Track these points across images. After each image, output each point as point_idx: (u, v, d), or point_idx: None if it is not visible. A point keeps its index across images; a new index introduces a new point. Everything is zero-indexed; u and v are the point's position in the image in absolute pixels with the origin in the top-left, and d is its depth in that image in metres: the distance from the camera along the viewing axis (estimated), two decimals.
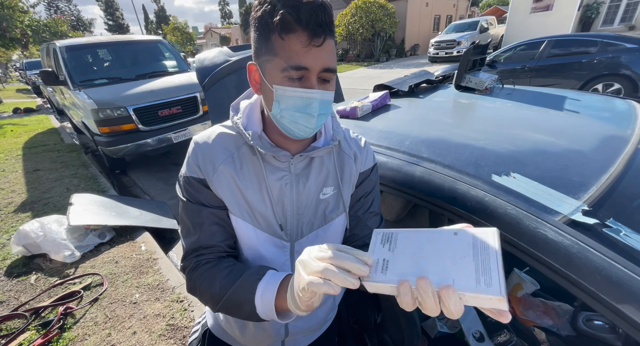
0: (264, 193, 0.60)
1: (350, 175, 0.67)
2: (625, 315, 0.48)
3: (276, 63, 0.50)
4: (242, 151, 0.61)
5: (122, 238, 2.36)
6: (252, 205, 0.60)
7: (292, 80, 0.51)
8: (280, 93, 0.52)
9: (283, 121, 0.55)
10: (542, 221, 0.59)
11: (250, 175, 0.60)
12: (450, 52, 12.27)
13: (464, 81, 1.35)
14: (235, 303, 0.54)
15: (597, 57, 5.15)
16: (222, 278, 0.56)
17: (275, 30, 0.48)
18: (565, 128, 0.92)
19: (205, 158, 0.59)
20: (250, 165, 0.60)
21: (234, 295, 0.54)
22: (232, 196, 0.59)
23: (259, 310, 0.51)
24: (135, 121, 3.47)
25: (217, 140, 0.61)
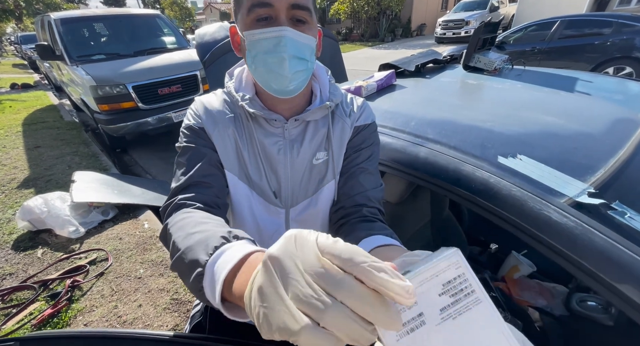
0: (258, 160, 0.60)
1: (342, 134, 0.63)
2: (624, 295, 0.48)
3: (243, 7, 0.49)
4: (238, 113, 0.60)
5: (125, 216, 2.39)
6: (248, 168, 0.60)
7: (259, 22, 0.49)
8: (250, 39, 0.50)
9: (258, 73, 0.53)
10: (547, 203, 0.58)
11: (246, 138, 0.60)
12: (458, 32, 11.83)
13: (473, 61, 1.31)
14: (185, 262, 0.38)
15: (610, 38, 4.96)
16: (192, 225, 0.43)
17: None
18: (576, 110, 0.89)
19: (207, 112, 0.59)
20: (245, 128, 0.60)
21: (188, 251, 0.38)
22: (232, 152, 0.59)
23: (206, 282, 0.34)
24: (135, 99, 3.42)
25: (219, 100, 0.61)
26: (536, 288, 1.28)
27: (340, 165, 0.64)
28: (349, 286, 0.19)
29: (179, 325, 1.53)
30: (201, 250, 0.36)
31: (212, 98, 0.62)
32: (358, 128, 0.64)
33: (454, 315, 0.22)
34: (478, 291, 0.23)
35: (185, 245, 0.39)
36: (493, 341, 0.22)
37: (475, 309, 0.22)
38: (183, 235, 0.41)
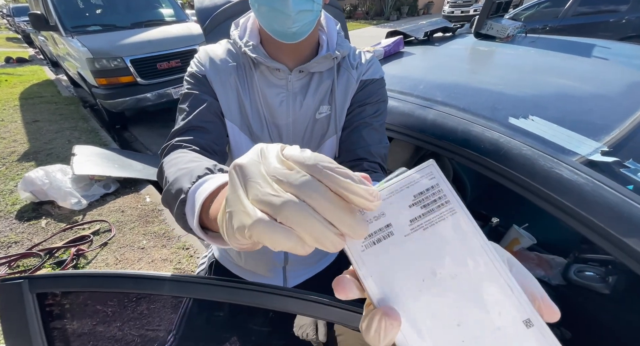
0: (260, 111, 0.59)
1: (347, 87, 0.60)
2: (631, 249, 0.48)
3: None
4: (241, 61, 0.59)
5: (127, 190, 2.40)
6: (249, 119, 0.59)
7: None
8: None
9: (261, 12, 0.50)
10: (558, 161, 0.57)
11: (248, 87, 0.59)
12: (466, 10, 11.37)
13: (485, 28, 1.25)
14: (172, 193, 0.38)
15: (627, 15, 4.75)
16: (185, 162, 0.42)
17: None
18: (592, 74, 0.86)
19: (210, 60, 0.58)
20: (248, 77, 0.59)
21: (175, 182, 0.38)
22: (234, 101, 0.58)
23: (187, 208, 0.34)
24: (134, 73, 3.33)
25: (223, 49, 0.60)
26: (535, 259, 1.30)
27: (343, 119, 0.61)
28: (312, 186, 0.17)
29: None
30: (186, 180, 0.36)
31: (216, 47, 0.60)
32: (364, 82, 0.61)
33: (425, 225, 0.20)
34: (453, 201, 0.20)
35: (174, 177, 0.39)
36: (470, 254, 0.20)
37: (449, 219, 0.20)
38: (174, 170, 0.41)
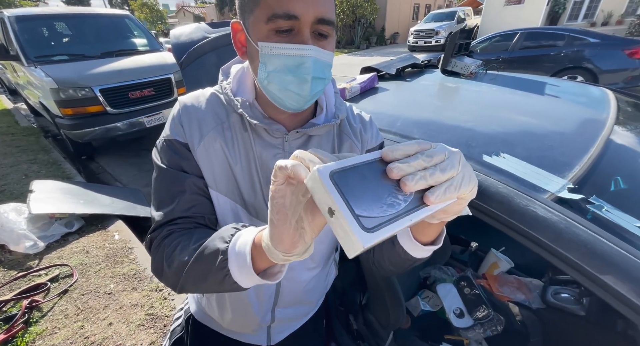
0: (254, 176, 0.53)
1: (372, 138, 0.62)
2: (608, 286, 0.50)
3: (260, 13, 0.42)
4: (232, 121, 0.53)
5: (93, 228, 2.22)
6: (240, 186, 0.53)
7: (280, 35, 0.43)
8: (266, 52, 0.44)
9: (271, 88, 0.47)
10: (532, 199, 0.60)
11: (239, 150, 0.52)
12: (429, 41, 12.41)
13: (450, 65, 1.36)
14: (203, 261, 0.40)
15: (563, 50, 5.41)
16: (195, 240, 0.44)
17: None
18: (548, 111, 0.95)
19: (192, 121, 0.52)
20: (239, 138, 0.53)
21: (204, 251, 0.40)
22: (220, 169, 0.52)
23: (231, 263, 0.37)
24: (103, 103, 3.21)
25: (207, 104, 0.54)
26: (514, 283, 1.34)
27: None
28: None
29: (155, 343, 1.42)
30: (218, 242, 0.40)
31: (199, 102, 0.53)
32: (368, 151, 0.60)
33: None
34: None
35: (197, 252, 0.41)
36: None
37: None
38: (191, 249, 0.43)
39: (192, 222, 0.51)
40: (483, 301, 1.20)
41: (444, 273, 1.37)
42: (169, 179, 0.51)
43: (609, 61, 5.05)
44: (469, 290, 1.26)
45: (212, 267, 0.39)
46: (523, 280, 1.34)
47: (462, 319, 1.20)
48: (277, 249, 0.31)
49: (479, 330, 1.16)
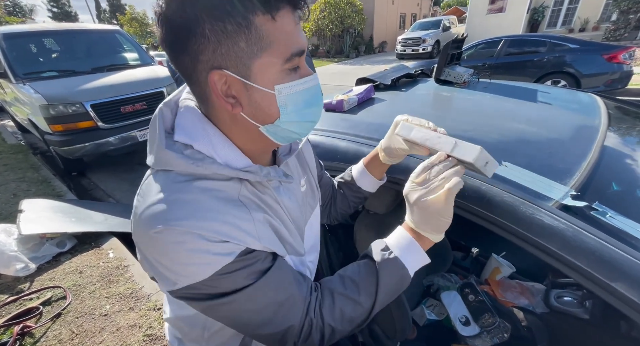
0: (288, 223, 0.53)
1: (310, 154, 0.67)
2: (619, 293, 0.51)
3: (272, 55, 0.39)
4: (246, 193, 0.47)
5: (86, 246, 2.16)
6: (285, 238, 0.52)
7: (293, 72, 0.42)
8: (286, 93, 0.42)
9: (291, 127, 0.45)
10: (538, 207, 0.61)
11: (273, 210, 0.51)
12: (416, 49, 12.71)
13: (444, 75, 1.39)
14: (393, 287, 0.52)
15: (546, 56, 5.61)
16: (358, 284, 0.51)
17: (258, 11, 0.36)
18: (543, 118, 0.97)
19: (231, 225, 0.41)
20: (264, 200, 0.50)
21: (385, 285, 0.50)
22: (272, 235, 0.49)
23: (410, 265, 0.52)
24: (94, 118, 3.18)
25: (221, 196, 0.43)
26: (517, 288, 1.34)
27: (318, 184, 0.69)
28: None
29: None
30: (377, 255, 0.53)
31: (211, 204, 0.42)
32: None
33: None
34: None
35: (378, 284, 0.50)
36: None
37: None
38: (365, 293, 0.51)
39: (315, 287, 0.52)
40: (488, 308, 1.20)
41: (447, 280, 1.37)
42: (270, 282, 0.44)
43: (589, 65, 5.24)
44: (473, 297, 1.26)
45: (400, 287, 0.53)
46: (525, 285, 1.34)
47: (468, 327, 1.19)
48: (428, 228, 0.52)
49: (485, 338, 1.15)
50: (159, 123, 0.45)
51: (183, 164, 0.42)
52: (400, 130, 0.59)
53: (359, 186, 0.75)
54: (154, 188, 0.42)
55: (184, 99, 0.48)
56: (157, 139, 0.44)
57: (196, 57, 0.38)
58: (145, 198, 0.42)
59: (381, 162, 0.70)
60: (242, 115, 0.43)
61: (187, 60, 0.39)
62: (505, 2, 12.45)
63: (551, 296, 1.23)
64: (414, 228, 0.52)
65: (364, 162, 0.75)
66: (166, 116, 0.47)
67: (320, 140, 0.97)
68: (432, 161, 0.51)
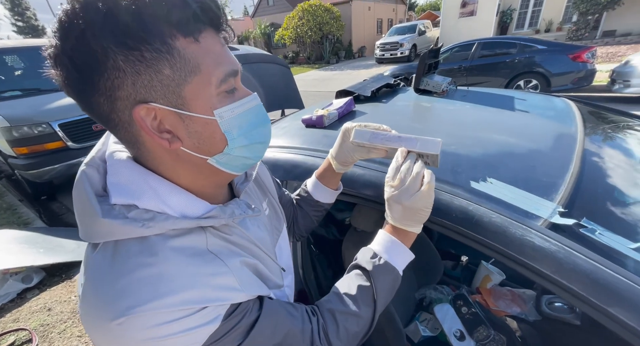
0: (263, 257, 0.50)
1: (266, 174, 0.67)
2: (616, 317, 0.48)
3: (204, 79, 0.35)
4: (212, 242, 0.42)
5: (56, 279, 2.01)
6: (263, 275, 0.48)
7: (230, 94, 0.39)
8: (229, 117, 0.38)
9: (242, 152, 0.41)
10: (527, 227, 0.59)
11: (246, 248, 0.47)
12: (394, 53, 13.00)
13: (422, 84, 1.38)
14: (388, 291, 0.53)
15: (517, 57, 5.85)
16: (356, 297, 0.51)
17: (178, 34, 0.33)
18: (522, 128, 0.97)
19: (199, 290, 0.36)
20: (235, 240, 0.45)
21: (381, 291, 0.51)
22: (251, 275, 0.45)
23: (399, 266, 0.55)
24: (63, 138, 3.00)
25: (177, 264, 0.37)
26: (509, 295, 1.33)
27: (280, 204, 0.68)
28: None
29: None
30: (367, 265, 0.54)
31: (177, 270, 0.36)
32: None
33: None
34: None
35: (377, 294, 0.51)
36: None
37: None
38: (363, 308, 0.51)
39: (312, 311, 0.51)
40: (482, 320, 1.18)
41: (439, 292, 1.34)
42: (263, 332, 0.41)
43: (557, 65, 5.51)
44: (467, 309, 1.23)
45: (393, 281, 0.54)
46: (516, 292, 1.33)
47: (463, 342, 1.16)
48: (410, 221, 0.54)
49: None
50: (86, 189, 0.38)
51: (130, 230, 0.36)
52: (355, 137, 0.61)
53: (317, 199, 0.75)
54: (101, 268, 0.36)
55: (112, 153, 0.41)
56: (89, 208, 0.36)
57: (112, 94, 0.33)
58: (93, 283, 0.35)
59: (334, 171, 0.70)
60: (183, 150, 0.38)
61: (101, 101, 0.34)
62: (475, 5, 12.97)
63: (542, 302, 1.22)
64: (396, 225, 0.55)
65: (316, 175, 0.75)
66: (92, 178, 0.39)
67: (301, 159, 0.92)
68: (399, 162, 0.54)
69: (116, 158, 0.40)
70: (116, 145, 0.43)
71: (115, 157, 0.41)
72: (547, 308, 1.20)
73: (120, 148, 0.43)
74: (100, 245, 0.37)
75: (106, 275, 0.35)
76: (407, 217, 0.53)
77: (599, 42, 10.70)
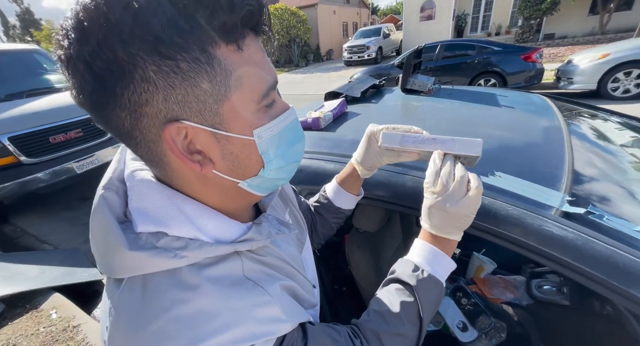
0: (297, 276, 0.46)
1: (286, 184, 0.63)
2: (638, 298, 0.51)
3: (245, 93, 0.31)
4: (249, 268, 0.38)
5: (19, 311, 1.78)
6: (299, 296, 0.45)
7: (268, 110, 0.35)
8: (268, 136, 0.34)
9: (277, 174, 0.38)
10: (544, 218, 0.61)
11: (282, 269, 0.44)
12: (362, 55, 13.33)
13: (409, 84, 1.41)
14: (433, 306, 0.51)
15: (476, 58, 6.28)
16: (400, 316, 0.47)
17: (220, 41, 0.29)
18: (513, 122, 1.02)
19: (243, 326, 0.33)
20: (269, 268, 0.42)
21: (427, 307, 0.48)
22: (291, 300, 0.42)
23: (442, 277, 0.51)
24: (15, 153, 2.69)
25: (217, 298, 0.33)
26: (501, 283, 1.39)
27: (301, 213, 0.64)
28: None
29: None
30: (411, 280, 0.50)
31: (217, 306, 0.32)
32: None
33: None
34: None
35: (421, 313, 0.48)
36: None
37: None
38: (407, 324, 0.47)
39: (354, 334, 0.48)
40: (482, 309, 1.22)
41: None
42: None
43: (511, 65, 5.99)
44: (466, 300, 1.27)
45: (438, 300, 0.51)
46: (508, 279, 1.40)
47: (466, 333, 1.19)
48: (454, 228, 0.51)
49: (485, 342, 1.16)
50: (107, 217, 0.33)
51: (161, 262, 0.32)
52: (383, 141, 0.57)
53: (338, 206, 0.71)
54: (131, 308, 0.31)
55: (132, 173, 0.37)
56: (112, 240, 0.32)
57: (138, 110, 0.29)
58: (123, 327, 0.31)
59: (358, 177, 0.67)
60: (215, 173, 0.34)
61: (122, 116, 0.29)
62: (433, 10, 13.71)
63: (533, 286, 1.29)
64: (436, 234, 0.51)
65: (337, 180, 0.71)
66: (113, 203, 0.35)
67: (303, 163, 0.90)
68: (437, 165, 0.50)
69: (138, 178, 0.36)
70: (135, 162, 0.38)
71: (137, 177, 0.36)
72: (537, 292, 1.27)
73: (141, 165, 0.38)
74: (126, 280, 0.32)
75: (138, 317, 0.30)
76: (450, 224, 0.49)
77: (541, 44, 11.77)
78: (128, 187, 0.36)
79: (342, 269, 1.43)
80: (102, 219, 0.33)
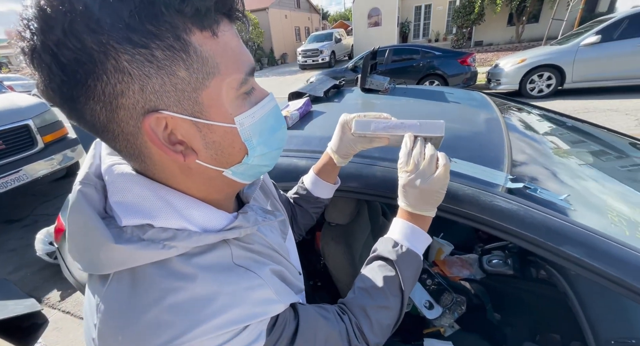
0: (284, 261, 0.48)
1: (266, 177, 0.65)
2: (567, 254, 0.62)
3: (224, 80, 0.31)
4: (238, 255, 0.39)
5: None
6: (288, 279, 0.47)
7: (247, 96, 0.35)
8: (249, 123, 0.34)
9: (260, 161, 0.38)
10: (493, 194, 0.70)
11: (267, 255, 0.45)
12: (316, 59, 13.60)
13: (368, 84, 1.49)
14: (413, 278, 0.55)
15: (421, 61, 6.82)
16: (383, 289, 0.51)
17: (193, 27, 0.28)
18: (461, 116, 1.15)
19: (238, 308, 0.34)
20: (258, 249, 0.44)
21: (407, 279, 0.52)
22: (281, 283, 0.44)
23: (420, 251, 0.56)
24: None
25: (210, 283, 0.33)
26: (458, 262, 1.54)
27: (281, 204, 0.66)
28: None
29: None
30: (390, 254, 0.54)
31: (211, 290, 0.33)
32: None
33: None
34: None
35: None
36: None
37: None
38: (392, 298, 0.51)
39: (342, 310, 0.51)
40: (444, 287, 1.34)
41: None
42: (306, 341, 0.40)
43: (450, 68, 6.62)
44: (430, 281, 1.38)
45: (417, 268, 0.55)
46: (463, 258, 1.56)
47: (432, 310, 1.30)
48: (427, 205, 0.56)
49: (448, 316, 1.28)
50: (88, 212, 0.32)
51: (149, 254, 0.31)
52: (356, 128, 0.61)
53: (317, 196, 0.74)
54: (120, 302, 0.31)
55: (110, 167, 0.35)
56: (95, 235, 0.31)
57: (113, 101, 0.28)
58: (113, 321, 0.30)
59: (334, 166, 0.70)
60: (197, 163, 0.34)
61: (97, 110, 0.28)
62: (379, 17, 14.56)
63: (484, 262, 1.46)
64: (412, 211, 0.55)
65: (314, 171, 0.74)
66: (92, 198, 0.33)
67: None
68: (409, 146, 0.54)
69: (118, 172, 0.35)
70: (112, 157, 0.37)
71: (116, 171, 0.35)
72: (488, 266, 1.44)
73: (118, 159, 0.36)
74: (112, 275, 0.32)
75: (130, 309, 0.30)
76: (424, 201, 0.53)
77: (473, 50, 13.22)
78: (107, 182, 0.35)
79: (315, 264, 1.46)
80: (83, 215, 0.32)
